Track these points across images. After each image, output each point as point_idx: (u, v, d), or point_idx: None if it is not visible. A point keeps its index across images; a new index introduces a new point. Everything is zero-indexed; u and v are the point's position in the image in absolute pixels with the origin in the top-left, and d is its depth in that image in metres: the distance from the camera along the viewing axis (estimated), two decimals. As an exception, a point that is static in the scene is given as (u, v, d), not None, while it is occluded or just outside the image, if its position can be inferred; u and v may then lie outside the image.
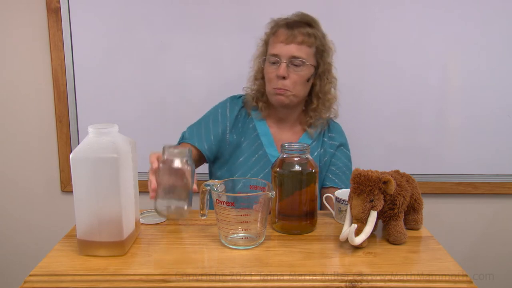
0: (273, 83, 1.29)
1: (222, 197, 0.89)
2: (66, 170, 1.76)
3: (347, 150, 1.43)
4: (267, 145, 1.35)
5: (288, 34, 1.26)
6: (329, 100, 1.37)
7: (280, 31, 1.28)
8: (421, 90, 1.68)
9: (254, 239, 0.91)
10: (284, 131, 1.38)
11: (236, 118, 1.37)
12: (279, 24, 1.30)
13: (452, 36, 1.64)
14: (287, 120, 1.38)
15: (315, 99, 1.35)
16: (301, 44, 1.27)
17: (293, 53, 1.26)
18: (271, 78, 1.29)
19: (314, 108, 1.36)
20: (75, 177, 0.84)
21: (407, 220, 0.98)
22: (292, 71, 1.27)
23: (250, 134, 1.37)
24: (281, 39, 1.27)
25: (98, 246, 0.86)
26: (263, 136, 1.36)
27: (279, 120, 1.38)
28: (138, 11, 1.64)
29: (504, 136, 1.71)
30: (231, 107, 1.38)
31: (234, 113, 1.38)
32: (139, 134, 1.68)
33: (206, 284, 0.77)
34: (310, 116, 1.37)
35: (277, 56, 1.27)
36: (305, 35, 1.27)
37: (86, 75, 1.69)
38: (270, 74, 1.29)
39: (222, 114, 1.38)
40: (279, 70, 1.26)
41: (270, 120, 1.39)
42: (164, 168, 0.94)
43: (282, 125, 1.39)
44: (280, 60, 1.27)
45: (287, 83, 1.27)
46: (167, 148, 0.94)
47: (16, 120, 1.75)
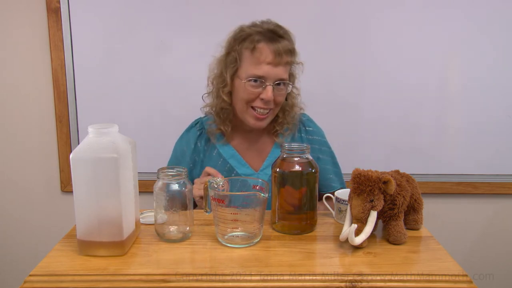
0: (254, 104, 1.21)
1: (216, 194, 0.89)
2: (66, 170, 1.76)
3: (328, 147, 1.38)
4: (238, 167, 1.30)
5: (275, 54, 1.17)
6: (295, 112, 1.32)
7: (263, 47, 1.18)
8: (421, 90, 1.68)
9: (250, 238, 0.91)
10: (252, 145, 1.33)
11: (194, 151, 1.32)
12: (254, 37, 1.19)
13: (452, 36, 1.65)
14: (255, 133, 1.32)
15: (281, 113, 1.29)
16: (286, 65, 1.20)
17: (280, 76, 1.19)
18: (251, 99, 1.21)
19: (281, 122, 1.30)
20: (75, 177, 0.84)
21: (407, 220, 0.98)
22: (275, 92, 1.20)
23: (216, 162, 1.31)
24: (268, 59, 1.17)
25: (98, 246, 0.86)
26: (230, 159, 1.30)
27: (245, 136, 1.33)
28: (138, 11, 1.64)
29: (504, 136, 1.71)
30: (187, 142, 1.33)
31: (191, 146, 1.32)
32: (139, 134, 1.69)
33: (206, 284, 0.77)
34: (276, 128, 1.31)
35: (263, 78, 1.18)
36: (289, 54, 1.20)
37: (86, 75, 1.69)
38: (251, 95, 1.20)
39: (182, 153, 1.33)
40: (267, 94, 1.18)
41: (235, 141, 1.33)
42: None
43: (249, 140, 1.33)
44: (265, 82, 1.18)
45: (271, 105, 1.21)
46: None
47: (16, 120, 1.75)
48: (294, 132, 1.35)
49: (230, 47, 1.24)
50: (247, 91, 1.20)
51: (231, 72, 1.23)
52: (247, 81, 1.19)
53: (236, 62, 1.22)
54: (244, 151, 1.32)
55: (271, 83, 1.19)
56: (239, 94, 1.23)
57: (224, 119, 1.29)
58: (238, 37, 1.22)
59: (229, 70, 1.23)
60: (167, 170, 0.92)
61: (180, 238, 0.93)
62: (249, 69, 1.19)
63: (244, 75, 1.20)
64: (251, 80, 1.19)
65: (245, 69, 1.20)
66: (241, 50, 1.21)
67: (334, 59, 1.66)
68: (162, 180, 0.91)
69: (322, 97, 1.68)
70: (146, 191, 1.51)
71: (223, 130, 1.30)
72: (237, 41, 1.22)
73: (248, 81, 1.19)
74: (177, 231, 0.94)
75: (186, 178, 0.93)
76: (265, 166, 1.31)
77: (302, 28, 1.65)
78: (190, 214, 0.94)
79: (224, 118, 1.29)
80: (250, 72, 1.19)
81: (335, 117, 1.69)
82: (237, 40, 1.22)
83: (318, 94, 1.68)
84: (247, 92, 1.20)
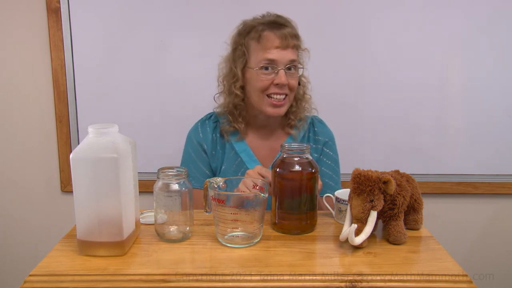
0: (269, 91, 1.21)
1: (215, 194, 0.89)
2: (66, 170, 1.76)
3: (332, 150, 1.37)
4: (249, 162, 1.30)
5: (282, 38, 1.18)
6: (307, 101, 1.34)
7: (268, 34, 1.20)
8: (421, 90, 1.68)
9: (250, 238, 0.91)
10: (265, 141, 1.33)
11: (212, 141, 1.32)
12: (258, 27, 1.21)
13: (452, 36, 1.65)
14: (269, 127, 1.33)
15: (294, 101, 1.30)
16: (293, 47, 1.21)
17: (290, 57, 1.20)
18: (265, 86, 1.21)
19: (294, 111, 1.31)
20: (75, 177, 0.84)
21: (407, 220, 0.98)
22: (288, 76, 1.21)
23: (229, 154, 1.31)
24: (276, 43, 1.18)
25: (98, 246, 0.86)
26: (242, 153, 1.30)
27: (258, 132, 1.33)
28: (138, 11, 1.64)
29: (504, 136, 1.71)
30: (203, 132, 1.33)
31: (208, 136, 1.32)
32: (139, 134, 1.69)
33: (206, 284, 0.77)
34: (291, 118, 1.31)
35: (274, 62, 1.19)
36: (294, 38, 1.21)
37: (86, 75, 1.69)
38: (264, 82, 1.20)
39: (199, 142, 1.32)
40: (281, 78, 1.18)
41: (249, 137, 1.33)
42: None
43: (263, 136, 1.33)
44: (276, 67, 1.19)
45: (286, 90, 1.22)
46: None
47: (16, 120, 1.75)
48: (306, 129, 1.36)
49: (236, 43, 1.26)
50: (260, 79, 1.21)
51: (241, 65, 1.24)
52: (259, 69, 1.20)
53: (244, 55, 1.23)
54: (257, 147, 1.33)
55: (282, 67, 1.20)
56: (253, 84, 1.23)
57: (238, 116, 1.29)
58: (243, 31, 1.24)
59: (239, 64, 1.24)
60: (167, 170, 0.92)
61: (180, 238, 0.93)
62: (258, 56, 1.20)
63: (254, 64, 1.22)
64: (262, 67, 1.20)
65: (255, 58, 1.22)
66: (247, 43, 1.23)
67: (334, 59, 1.66)
68: (162, 180, 0.91)
69: (322, 97, 1.68)
70: (146, 191, 1.51)
71: (238, 128, 1.30)
72: (242, 35, 1.24)
73: (260, 69, 1.20)
74: (177, 231, 0.94)
75: (186, 178, 0.93)
76: None
77: (302, 28, 1.64)
78: (190, 214, 0.94)
79: (237, 115, 1.29)
80: (260, 58, 1.20)
81: (335, 117, 1.69)
82: (242, 34, 1.24)
83: (318, 94, 1.67)
84: (260, 80, 1.21)
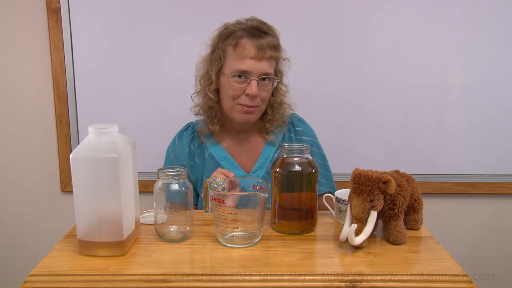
0: (240, 100, 1.21)
1: (215, 194, 0.89)
2: (66, 170, 1.76)
3: (318, 148, 1.37)
4: (230, 169, 1.28)
5: (258, 49, 1.17)
6: (284, 109, 1.32)
7: (245, 43, 1.18)
8: (421, 90, 1.68)
9: (250, 238, 0.91)
10: (243, 146, 1.32)
11: (190, 154, 1.32)
12: (238, 33, 1.20)
13: (452, 36, 1.65)
14: (245, 132, 1.32)
15: (269, 110, 1.30)
16: (270, 59, 1.20)
17: (265, 70, 1.19)
18: (237, 95, 1.21)
19: (270, 119, 1.30)
20: (75, 177, 0.84)
21: (407, 220, 0.98)
22: (260, 87, 1.20)
23: (209, 164, 1.30)
24: (251, 54, 1.17)
25: (98, 246, 0.86)
26: (222, 161, 1.30)
27: (235, 136, 1.32)
28: (138, 11, 1.64)
29: (504, 137, 1.71)
30: (180, 146, 1.33)
31: (186, 149, 1.32)
32: (139, 134, 1.69)
33: (206, 284, 0.77)
34: (266, 126, 1.31)
35: (247, 73, 1.18)
36: (272, 48, 1.20)
37: (86, 75, 1.69)
38: (236, 91, 1.20)
39: (176, 158, 1.32)
40: (252, 89, 1.18)
41: (226, 141, 1.32)
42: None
43: (240, 140, 1.32)
44: (249, 77, 1.19)
45: (257, 101, 1.21)
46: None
47: (16, 120, 1.75)
48: (284, 131, 1.35)
49: (214, 45, 1.25)
50: (232, 87, 1.21)
51: (216, 69, 1.24)
52: (231, 77, 1.20)
53: (220, 59, 1.23)
54: (236, 152, 1.32)
55: (255, 77, 1.19)
56: (225, 91, 1.23)
57: (212, 117, 1.29)
58: (222, 35, 1.23)
59: (214, 67, 1.24)
60: (167, 170, 0.92)
61: (180, 238, 0.93)
62: (232, 64, 1.20)
63: (228, 71, 1.21)
64: (235, 75, 1.19)
65: (229, 65, 1.21)
66: (225, 47, 1.22)
67: (334, 59, 1.66)
68: (162, 180, 0.92)
69: (322, 97, 1.68)
70: (146, 191, 1.52)
71: (212, 130, 1.30)
72: (221, 38, 1.23)
73: (232, 77, 1.20)
74: (177, 231, 0.94)
75: (186, 178, 0.93)
76: (257, 168, 1.31)
77: (301, 28, 1.65)
78: (190, 214, 0.94)
79: (212, 116, 1.29)
80: (234, 67, 1.19)
81: (335, 117, 1.69)
82: (221, 38, 1.23)
83: (318, 94, 1.68)
84: (232, 88, 1.21)
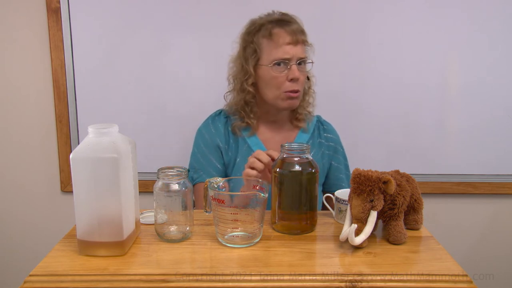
0: (284, 87, 1.25)
1: (215, 194, 0.89)
2: (66, 170, 1.76)
3: (342, 148, 1.44)
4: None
5: (292, 35, 1.23)
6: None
7: (279, 31, 1.24)
8: (421, 90, 1.68)
9: (250, 238, 0.91)
10: (276, 135, 1.35)
11: (225, 136, 1.34)
12: (267, 25, 1.25)
13: (452, 36, 1.65)
14: (279, 122, 1.36)
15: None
16: (303, 43, 1.26)
17: (301, 54, 1.25)
18: (280, 82, 1.24)
19: (301, 105, 1.35)
20: (75, 177, 0.84)
21: (407, 220, 0.98)
22: (300, 72, 1.25)
23: (242, 147, 1.33)
24: (287, 40, 1.23)
25: (98, 246, 0.86)
26: (255, 147, 1.32)
27: (270, 126, 1.36)
28: (138, 11, 1.64)
29: (504, 136, 1.71)
30: (215, 127, 1.35)
31: (221, 131, 1.34)
32: (139, 134, 1.69)
33: (206, 284, 0.77)
34: (298, 112, 1.35)
35: (287, 59, 1.23)
36: (302, 33, 1.26)
37: (86, 75, 1.69)
38: (279, 78, 1.24)
39: (212, 137, 1.34)
40: (294, 73, 1.23)
41: (261, 132, 1.35)
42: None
43: (273, 130, 1.36)
44: (289, 63, 1.23)
45: (299, 85, 1.26)
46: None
47: (16, 120, 1.75)
48: (314, 125, 1.39)
49: (246, 41, 1.29)
50: (274, 76, 1.24)
51: (253, 62, 1.27)
52: (272, 65, 1.23)
53: (255, 53, 1.26)
54: (269, 141, 1.35)
55: (294, 62, 1.23)
56: (267, 82, 1.26)
57: (249, 112, 1.32)
58: (252, 30, 1.27)
59: (251, 61, 1.27)
60: (167, 170, 0.92)
61: (180, 238, 0.93)
62: (271, 54, 1.24)
63: (267, 62, 1.25)
64: (275, 63, 1.23)
65: (267, 56, 1.24)
66: (258, 40, 1.26)
67: (334, 59, 1.66)
68: (162, 180, 0.92)
69: (321, 97, 1.68)
70: (146, 191, 1.52)
71: (250, 123, 1.32)
72: (251, 33, 1.27)
73: (273, 65, 1.23)
74: (177, 231, 0.94)
75: (186, 178, 0.93)
76: None
77: (302, 28, 1.65)
78: (190, 214, 0.94)
79: (249, 111, 1.32)
80: (273, 56, 1.23)
81: (335, 117, 1.69)
82: (252, 33, 1.27)
83: (318, 94, 1.67)
84: (274, 77, 1.24)
